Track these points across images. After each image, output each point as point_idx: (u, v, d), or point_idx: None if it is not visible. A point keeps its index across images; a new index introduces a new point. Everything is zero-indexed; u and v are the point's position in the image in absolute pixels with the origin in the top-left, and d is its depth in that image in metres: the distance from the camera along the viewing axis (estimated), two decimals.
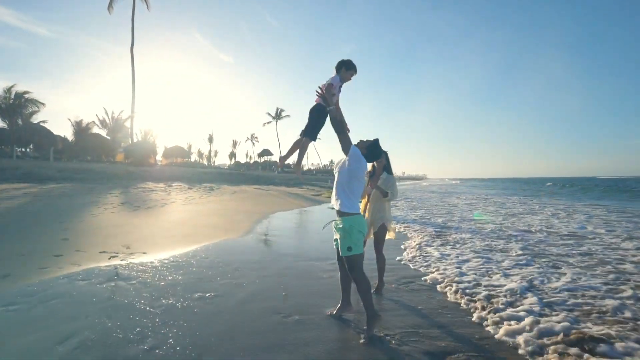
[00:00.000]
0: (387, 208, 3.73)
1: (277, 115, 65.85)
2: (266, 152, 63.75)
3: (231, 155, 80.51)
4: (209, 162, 68.98)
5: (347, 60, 2.83)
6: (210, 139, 75.57)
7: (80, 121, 36.58)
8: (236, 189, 18.90)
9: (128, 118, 35.91)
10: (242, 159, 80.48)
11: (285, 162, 3.18)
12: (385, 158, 3.66)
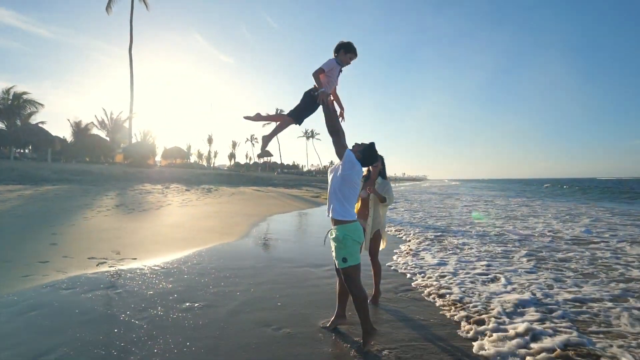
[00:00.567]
0: (383, 214, 3.57)
1: None
2: (266, 153, 63.34)
3: (231, 156, 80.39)
4: (209, 163, 68.79)
5: (347, 42, 2.56)
6: (209, 140, 75.42)
7: (79, 122, 36.53)
8: (234, 191, 18.74)
9: (127, 119, 35.79)
10: (242, 160, 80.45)
11: (268, 143, 2.90)
12: (380, 163, 3.49)
